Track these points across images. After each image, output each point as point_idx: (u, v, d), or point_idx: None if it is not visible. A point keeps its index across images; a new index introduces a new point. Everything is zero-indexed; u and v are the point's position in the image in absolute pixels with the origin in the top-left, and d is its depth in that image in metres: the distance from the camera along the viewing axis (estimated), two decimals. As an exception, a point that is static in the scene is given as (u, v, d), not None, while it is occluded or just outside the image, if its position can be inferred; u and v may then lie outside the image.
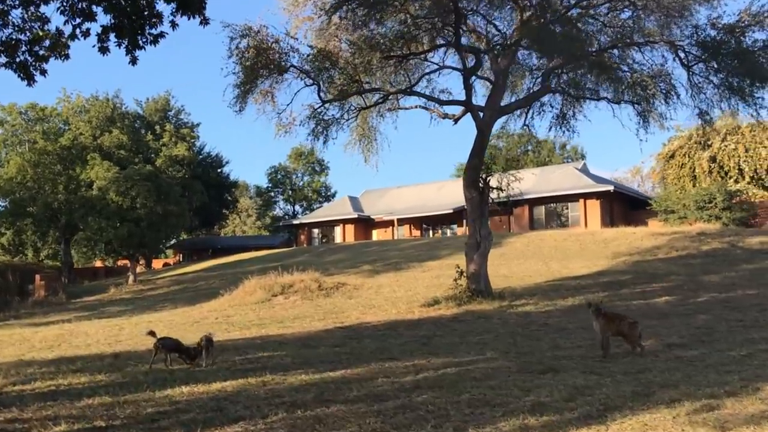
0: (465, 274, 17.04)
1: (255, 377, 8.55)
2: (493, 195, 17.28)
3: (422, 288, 21.01)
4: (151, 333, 10.28)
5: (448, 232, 45.71)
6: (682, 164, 37.57)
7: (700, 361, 8.50)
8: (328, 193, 68.01)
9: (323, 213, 53.19)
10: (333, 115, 17.55)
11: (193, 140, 50.97)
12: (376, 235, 49.46)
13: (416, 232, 47.24)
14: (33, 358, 12.31)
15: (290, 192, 67.19)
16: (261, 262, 36.85)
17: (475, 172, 17.08)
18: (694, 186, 36.36)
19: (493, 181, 17.31)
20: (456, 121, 18.15)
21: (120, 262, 58.68)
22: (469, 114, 17.70)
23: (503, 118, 19.21)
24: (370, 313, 16.75)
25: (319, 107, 17.36)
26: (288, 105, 17.31)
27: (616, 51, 17.57)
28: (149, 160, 44.56)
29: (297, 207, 68.72)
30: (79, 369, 10.25)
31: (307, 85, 16.88)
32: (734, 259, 21.93)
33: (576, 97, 18.56)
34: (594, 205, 37.39)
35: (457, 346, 10.69)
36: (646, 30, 16.62)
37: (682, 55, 17.08)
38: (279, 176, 67.52)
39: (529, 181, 42.68)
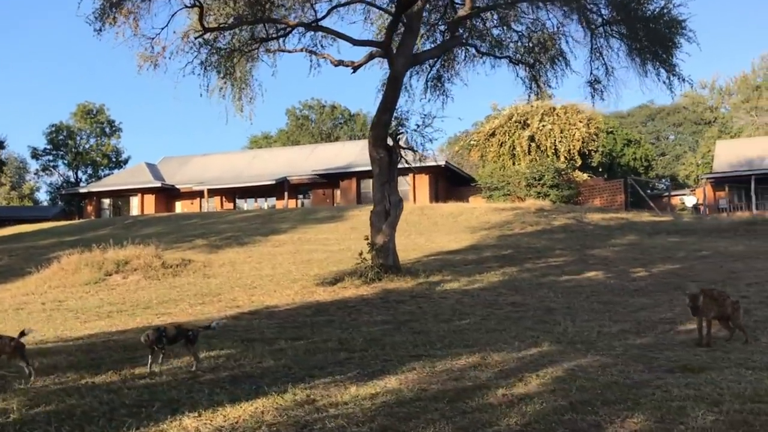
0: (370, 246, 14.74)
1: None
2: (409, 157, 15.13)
3: (292, 265, 18.33)
4: None
5: (266, 205, 42.62)
6: (502, 143, 38.42)
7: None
8: (120, 159, 59.98)
9: (116, 181, 46.94)
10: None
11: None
12: (181, 206, 44.74)
13: (228, 205, 43.44)
14: None
15: (74, 155, 58.01)
16: (52, 236, 31.12)
17: (384, 129, 14.80)
18: (513, 164, 37.35)
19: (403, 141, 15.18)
20: (356, 69, 15.67)
21: None
22: (372, 62, 15.36)
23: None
24: (260, 294, 13.85)
25: (198, 37, 13.82)
26: (163, 29, 13.50)
27: (525, 4, 16.31)
28: None
29: (80, 174, 59.78)
30: None
31: (186, 6, 13.22)
32: (597, 234, 22.23)
33: (481, 53, 17.08)
34: (423, 180, 36.87)
35: (432, 336, 8.49)
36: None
37: (590, 15, 16.27)
38: (60, 137, 57.88)
39: (353, 153, 41.32)
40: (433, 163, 36.54)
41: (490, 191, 35.61)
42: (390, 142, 15.02)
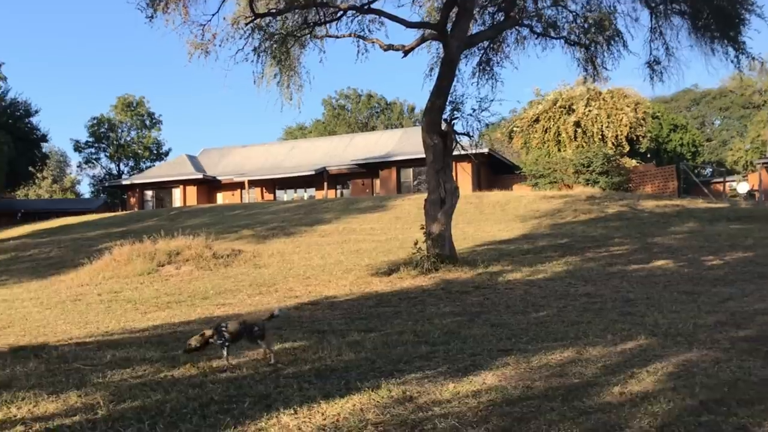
0: (426, 236, 14.36)
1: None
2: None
3: (341, 255, 18.10)
4: None
5: (305, 195, 42.49)
6: (547, 129, 37.61)
7: None
8: (161, 151, 60.37)
9: (158, 173, 47.25)
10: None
11: (-1, 81, 42.53)
12: (222, 198, 44.90)
13: (268, 196, 43.42)
14: None
15: (115, 147, 58.48)
16: (98, 227, 31.42)
17: (438, 114, 14.36)
18: (559, 151, 36.56)
19: (460, 126, 14.72)
20: (406, 53, 15.24)
21: None
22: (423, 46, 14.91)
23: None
24: (315, 284, 13.57)
25: (249, 23, 13.53)
26: (213, 15, 13.23)
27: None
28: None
29: (122, 166, 60.23)
30: None
31: (235, -10, 12.94)
32: (654, 222, 21.49)
33: (536, 34, 16.51)
34: (466, 169, 36.30)
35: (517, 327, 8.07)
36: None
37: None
38: (102, 129, 58.43)
39: (391, 143, 40.90)
40: (476, 151, 35.97)
41: (535, 179, 34.89)
42: (444, 127, 14.57)
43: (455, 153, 15.51)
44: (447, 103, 14.61)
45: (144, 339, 8.33)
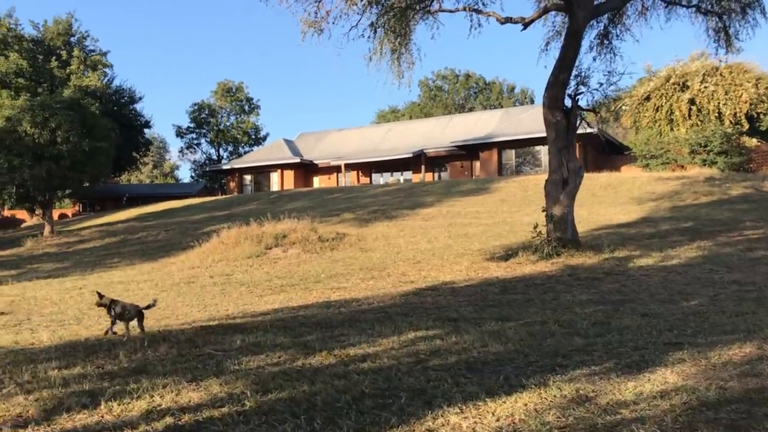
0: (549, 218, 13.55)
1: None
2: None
3: (449, 239, 17.55)
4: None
5: (401, 179, 42.10)
6: (658, 107, 35.53)
7: None
8: (258, 136, 61.46)
9: (256, 157, 48.06)
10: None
11: (105, 69, 44.20)
12: (318, 181, 45.20)
13: (364, 179, 43.34)
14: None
15: (215, 133, 60.02)
16: (202, 211, 32.21)
17: (562, 89, 13.48)
18: (672, 130, 34.48)
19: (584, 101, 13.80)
20: (526, 25, 14.40)
21: (7, 213, 50.95)
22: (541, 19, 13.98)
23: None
24: (429, 269, 13.06)
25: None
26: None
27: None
28: (54, 91, 37.82)
29: (221, 151, 61.70)
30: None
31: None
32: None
33: (666, 2, 15.27)
34: (571, 150, 34.77)
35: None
36: None
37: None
38: (203, 115, 60.08)
39: (491, 123, 39.78)
40: (584, 131, 34.45)
41: (646, 160, 33.04)
42: (569, 103, 13.68)
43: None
44: (571, 78, 13.68)
45: (268, 323, 8.04)
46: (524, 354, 5.84)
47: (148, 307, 7.50)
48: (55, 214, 47.83)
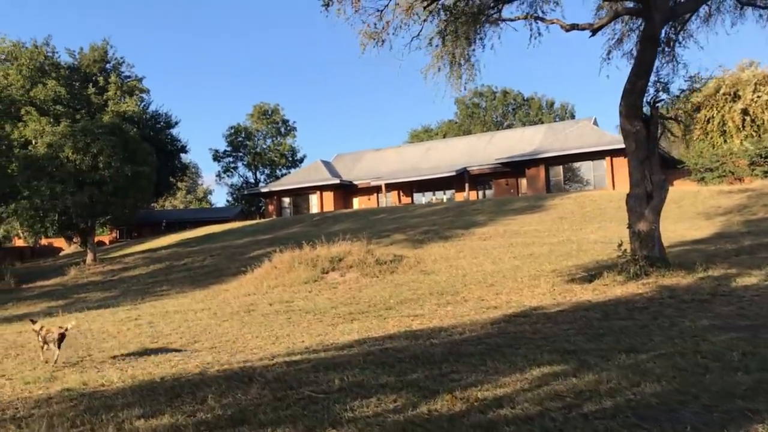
0: (634, 236, 12.56)
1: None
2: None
3: (515, 259, 16.61)
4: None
5: (444, 197, 41.22)
6: (709, 118, 34.25)
7: None
8: (295, 158, 61.14)
9: (294, 179, 47.60)
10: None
11: (142, 94, 44.28)
12: (358, 202, 44.52)
13: (405, 199, 42.55)
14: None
15: (252, 156, 59.77)
16: (244, 235, 31.64)
17: (640, 96, 12.56)
18: (725, 141, 33.16)
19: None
20: (595, 31, 13.54)
21: (45, 242, 51.07)
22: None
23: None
24: (506, 293, 12.15)
25: (429, 4, 12.37)
26: (387, 5, 12.19)
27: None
28: (93, 117, 37.83)
29: (258, 174, 61.42)
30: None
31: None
32: None
33: (742, 4, 14.31)
34: (622, 164, 33.60)
35: None
36: None
37: None
38: (239, 138, 59.94)
39: (536, 139, 38.80)
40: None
41: (701, 173, 31.74)
42: (649, 111, 12.75)
43: (611, 146, 13.67)
44: (649, 84, 12.76)
45: (360, 358, 7.22)
46: (693, 395, 4.92)
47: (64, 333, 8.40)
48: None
